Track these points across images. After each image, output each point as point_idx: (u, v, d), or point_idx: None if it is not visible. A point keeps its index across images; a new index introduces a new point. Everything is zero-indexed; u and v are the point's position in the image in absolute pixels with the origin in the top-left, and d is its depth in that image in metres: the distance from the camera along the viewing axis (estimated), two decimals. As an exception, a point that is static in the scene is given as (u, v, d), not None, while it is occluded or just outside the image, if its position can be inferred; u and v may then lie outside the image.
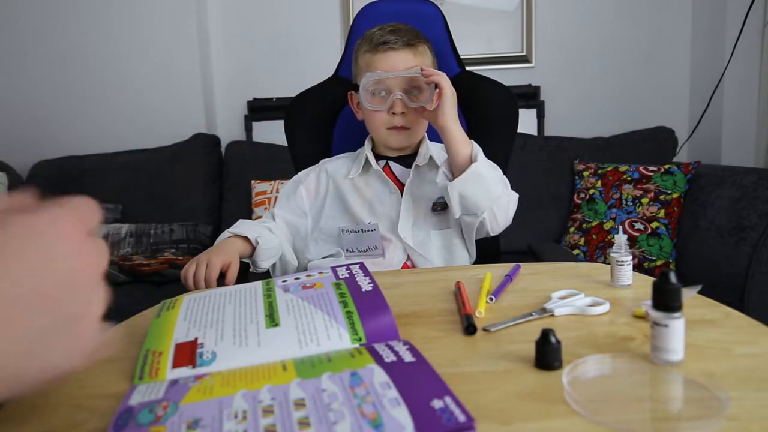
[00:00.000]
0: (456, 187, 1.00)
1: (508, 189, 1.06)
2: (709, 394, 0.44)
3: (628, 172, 2.13)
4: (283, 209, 1.17)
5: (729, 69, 2.20)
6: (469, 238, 1.10)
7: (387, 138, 1.12)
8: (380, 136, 1.13)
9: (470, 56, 2.49)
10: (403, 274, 0.90)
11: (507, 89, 1.25)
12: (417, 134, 1.14)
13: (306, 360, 0.50)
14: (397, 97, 1.06)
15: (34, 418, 0.46)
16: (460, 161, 1.01)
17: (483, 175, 0.99)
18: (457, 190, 1.00)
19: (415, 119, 1.10)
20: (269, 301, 0.62)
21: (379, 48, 1.10)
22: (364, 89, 1.08)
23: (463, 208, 1.02)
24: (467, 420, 0.38)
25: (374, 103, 1.09)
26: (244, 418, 0.41)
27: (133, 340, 0.60)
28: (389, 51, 1.09)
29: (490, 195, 1.00)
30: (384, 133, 1.11)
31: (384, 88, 1.08)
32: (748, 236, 1.69)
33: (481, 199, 1.00)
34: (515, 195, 1.06)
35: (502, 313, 0.64)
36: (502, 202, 1.02)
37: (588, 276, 0.77)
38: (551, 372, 0.49)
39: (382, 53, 1.09)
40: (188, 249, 2.21)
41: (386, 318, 0.56)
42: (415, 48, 1.11)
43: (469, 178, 0.98)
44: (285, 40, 2.64)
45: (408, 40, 1.10)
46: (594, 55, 2.56)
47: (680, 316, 0.49)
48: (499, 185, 1.03)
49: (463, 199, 1.00)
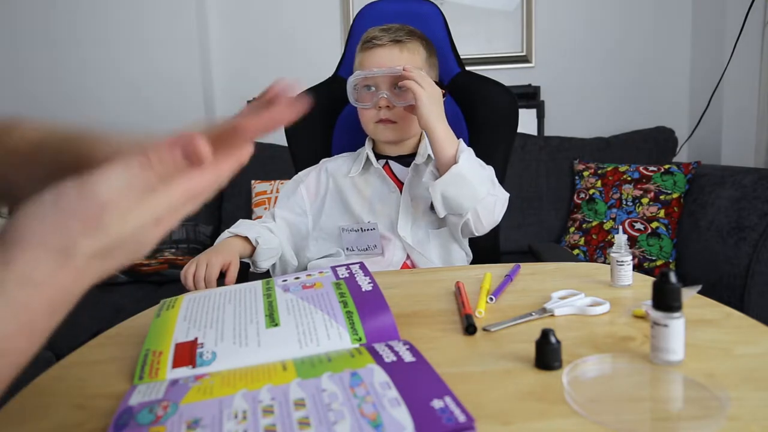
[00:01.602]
0: (438, 188, 0.98)
1: (497, 189, 1.04)
2: (709, 394, 0.44)
3: (628, 172, 2.13)
4: (283, 209, 1.17)
5: (729, 69, 2.20)
6: (457, 238, 1.10)
7: (376, 132, 1.13)
8: (370, 131, 1.14)
9: (470, 56, 2.49)
10: (403, 274, 0.91)
11: (507, 89, 1.25)
12: (406, 129, 1.13)
13: (306, 360, 0.50)
14: (382, 96, 1.07)
15: (34, 418, 0.46)
16: (445, 161, 1.00)
17: (465, 176, 0.97)
18: (439, 191, 0.98)
19: (403, 114, 1.10)
20: (269, 301, 0.62)
21: (366, 45, 1.12)
22: (350, 88, 1.09)
23: (446, 208, 1.01)
24: (467, 420, 0.38)
25: (362, 99, 1.10)
26: (244, 418, 0.41)
27: (133, 340, 0.60)
28: (375, 48, 1.10)
29: (474, 196, 0.98)
30: (372, 127, 1.12)
31: (372, 84, 1.10)
32: (748, 236, 1.69)
33: (464, 200, 0.98)
34: (504, 195, 1.05)
35: (502, 313, 0.64)
36: (488, 202, 1.00)
37: (588, 276, 0.77)
38: (551, 372, 0.49)
39: (368, 50, 1.11)
40: (188, 249, 2.21)
41: (386, 318, 0.56)
42: (403, 44, 1.11)
43: (450, 180, 0.97)
44: (285, 41, 2.64)
45: (395, 37, 1.10)
46: (594, 55, 2.56)
47: (680, 316, 0.49)
48: (485, 185, 1.01)
49: (446, 199, 0.99)
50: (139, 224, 0.36)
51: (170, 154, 0.36)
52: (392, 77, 1.08)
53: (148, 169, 0.35)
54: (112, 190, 0.34)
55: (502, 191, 1.05)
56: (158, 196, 0.36)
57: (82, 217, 0.34)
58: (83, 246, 0.34)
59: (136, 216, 0.35)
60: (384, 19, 1.19)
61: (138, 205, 0.35)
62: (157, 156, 0.35)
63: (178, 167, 0.36)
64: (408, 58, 1.10)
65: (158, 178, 0.36)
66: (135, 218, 0.35)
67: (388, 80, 1.08)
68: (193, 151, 0.36)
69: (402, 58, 1.09)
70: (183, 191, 0.37)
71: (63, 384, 0.52)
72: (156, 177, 0.36)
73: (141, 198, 0.35)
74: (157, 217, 0.37)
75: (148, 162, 0.35)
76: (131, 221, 0.35)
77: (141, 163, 0.35)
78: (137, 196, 0.35)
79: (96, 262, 0.35)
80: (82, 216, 0.34)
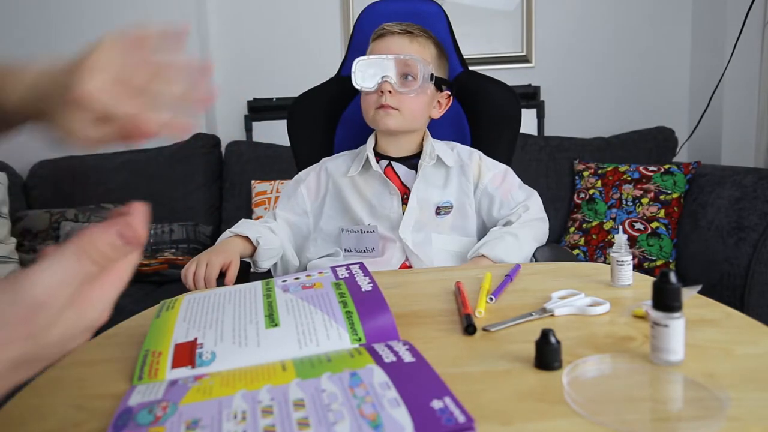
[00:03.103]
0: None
1: (543, 224, 1.12)
2: (709, 394, 0.44)
3: (628, 172, 2.13)
4: (284, 209, 1.17)
5: (729, 69, 2.20)
6: None
7: (376, 119, 1.10)
8: (370, 118, 1.12)
9: (470, 56, 2.47)
10: (403, 274, 0.90)
11: (509, 88, 1.25)
12: (408, 119, 1.10)
13: (305, 360, 0.50)
14: (387, 80, 1.07)
15: (34, 418, 0.46)
16: None
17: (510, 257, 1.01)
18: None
19: (407, 104, 1.09)
20: (269, 301, 0.62)
21: (378, 33, 1.13)
22: (354, 71, 1.09)
23: None
24: (467, 420, 0.38)
25: (366, 85, 1.10)
26: (244, 418, 0.41)
27: (133, 340, 0.60)
28: (386, 35, 1.11)
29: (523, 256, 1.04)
30: (373, 114, 1.10)
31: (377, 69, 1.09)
32: (748, 236, 1.68)
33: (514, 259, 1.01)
34: (545, 222, 1.13)
35: (502, 313, 0.64)
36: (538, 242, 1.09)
37: (588, 276, 0.77)
38: (551, 372, 0.49)
39: (380, 38, 1.12)
40: (188, 249, 2.21)
41: (386, 318, 0.56)
42: (414, 36, 1.11)
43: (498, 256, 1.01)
44: (285, 40, 2.64)
45: (407, 28, 1.11)
46: (594, 55, 2.56)
47: (680, 316, 0.48)
48: (532, 243, 1.06)
49: None
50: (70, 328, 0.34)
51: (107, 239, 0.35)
52: (400, 66, 1.07)
53: (84, 260, 0.34)
54: (47, 288, 0.32)
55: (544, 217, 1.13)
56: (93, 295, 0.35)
57: (11, 322, 0.31)
58: (7, 353, 0.31)
59: (69, 318, 0.34)
60: (387, 18, 1.19)
61: (72, 306, 0.34)
62: (92, 245, 0.34)
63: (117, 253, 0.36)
64: (418, 49, 1.10)
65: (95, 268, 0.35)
66: (68, 321, 0.34)
67: (396, 67, 1.08)
68: (133, 234, 0.36)
69: (412, 48, 1.10)
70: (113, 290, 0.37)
71: (62, 384, 0.52)
72: (92, 267, 0.34)
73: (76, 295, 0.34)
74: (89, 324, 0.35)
75: (84, 252, 0.34)
76: (64, 324, 0.33)
77: (76, 254, 0.34)
78: (72, 294, 0.33)
79: (14, 370, 0.32)
80: (11, 322, 0.31)
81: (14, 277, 0.32)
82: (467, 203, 1.13)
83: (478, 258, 1.02)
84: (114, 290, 0.37)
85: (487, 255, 1.00)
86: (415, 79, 1.07)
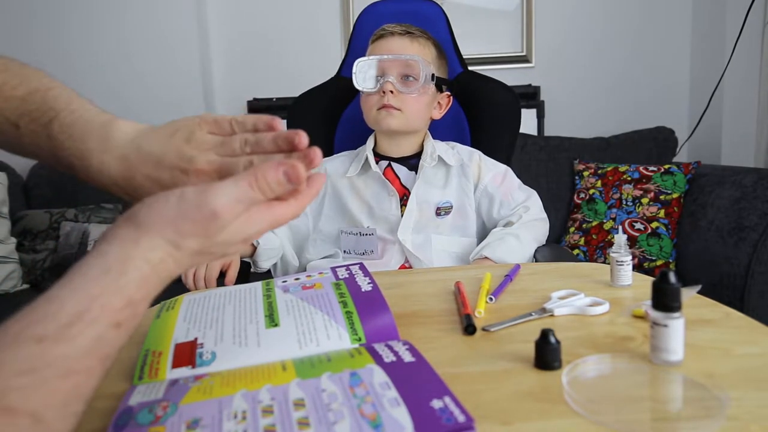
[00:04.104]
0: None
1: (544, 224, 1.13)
2: (709, 394, 0.44)
3: (628, 172, 2.13)
4: (283, 209, 1.16)
5: (729, 69, 2.20)
6: None
7: (377, 119, 1.10)
8: (372, 119, 1.12)
9: (470, 56, 2.47)
10: (403, 274, 0.90)
11: (509, 88, 1.25)
12: (410, 120, 1.10)
13: (306, 360, 0.50)
14: (389, 80, 1.07)
15: (33, 418, 0.46)
16: None
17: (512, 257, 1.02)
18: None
19: (409, 104, 1.09)
20: (269, 301, 0.62)
21: (379, 33, 1.13)
22: (355, 72, 1.09)
23: None
24: (467, 420, 0.38)
25: (368, 86, 1.10)
26: (244, 418, 0.41)
27: (133, 340, 0.59)
28: (387, 36, 1.11)
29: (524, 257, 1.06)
30: (374, 114, 1.10)
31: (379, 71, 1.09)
32: (748, 236, 1.68)
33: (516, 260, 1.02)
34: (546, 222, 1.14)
35: (502, 313, 0.64)
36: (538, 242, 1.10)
37: (588, 276, 0.77)
38: (551, 372, 0.49)
39: (381, 39, 1.12)
40: (188, 249, 2.21)
41: (386, 318, 0.56)
42: (414, 37, 1.11)
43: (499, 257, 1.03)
44: (285, 41, 2.64)
45: (407, 29, 1.11)
46: (594, 55, 2.56)
47: (680, 316, 0.48)
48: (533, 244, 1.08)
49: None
50: (233, 236, 0.42)
51: (275, 176, 0.42)
52: (401, 66, 1.07)
53: (254, 188, 0.41)
54: (223, 203, 0.41)
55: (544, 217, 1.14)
56: (254, 216, 0.43)
57: (195, 220, 0.41)
58: (189, 243, 0.41)
59: (234, 228, 0.42)
60: (387, 19, 1.19)
61: (238, 219, 0.42)
62: (263, 177, 0.41)
63: (282, 188, 0.42)
64: (418, 49, 1.10)
65: (262, 197, 0.42)
66: (232, 230, 0.42)
67: (397, 68, 1.08)
68: (296, 175, 0.42)
69: (413, 48, 1.10)
70: (271, 217, 0.44)
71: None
72: (260, 195, 0.42)
73: (243, 213, 0.42)
74: (246, 237, 0.43)
75: (255, 182, 0.41)
76: (229, 232, 0.42)
77: (249, 182, 0.41)
78: (241, 211, 0.42)
79: (193, 257, 0.42)
80: (195, 220, 0.41)
81: (204, 188, 0.41)
82: (467, 203, 1.13)
83: (480, 260, 1.02)
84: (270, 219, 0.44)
85: (490, 257, 1.00)
86: (416, 79, 1.07)
